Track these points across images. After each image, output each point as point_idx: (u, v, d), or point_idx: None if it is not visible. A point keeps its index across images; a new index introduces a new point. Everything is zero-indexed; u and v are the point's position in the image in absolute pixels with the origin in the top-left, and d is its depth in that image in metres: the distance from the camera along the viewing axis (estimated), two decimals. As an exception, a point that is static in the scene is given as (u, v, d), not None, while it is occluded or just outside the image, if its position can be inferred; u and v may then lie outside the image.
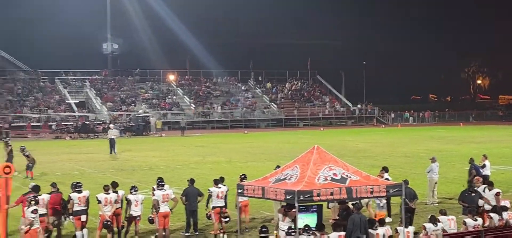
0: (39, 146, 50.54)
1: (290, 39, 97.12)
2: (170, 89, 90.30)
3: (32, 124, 71.16)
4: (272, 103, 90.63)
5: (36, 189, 17.99)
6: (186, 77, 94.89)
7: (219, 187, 19.50)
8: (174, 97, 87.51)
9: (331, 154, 16.37)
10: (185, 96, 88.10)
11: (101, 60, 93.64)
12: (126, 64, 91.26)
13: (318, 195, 14.82)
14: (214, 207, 19.34)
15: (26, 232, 16.66)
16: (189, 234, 19.38)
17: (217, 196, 19.34)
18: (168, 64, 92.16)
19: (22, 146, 34.21)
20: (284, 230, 15.26)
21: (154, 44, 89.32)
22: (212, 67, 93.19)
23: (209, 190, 19.60)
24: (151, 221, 18.63)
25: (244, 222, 19.88)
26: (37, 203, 17.04)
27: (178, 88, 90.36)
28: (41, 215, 17.47)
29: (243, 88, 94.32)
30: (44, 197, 17.82)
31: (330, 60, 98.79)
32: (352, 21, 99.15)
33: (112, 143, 46.41)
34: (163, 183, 18.89)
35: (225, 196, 19.49)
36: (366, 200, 18.43)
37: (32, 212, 16.62)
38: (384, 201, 19.52)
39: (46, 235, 17.82)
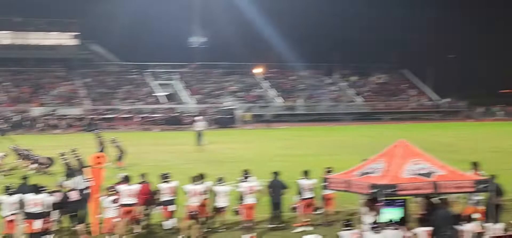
0: (128, 137, 51.82)
1: (376, 32, 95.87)
2: (256, 82, 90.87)
3: (122, 115, 73.06)
4: (357, 97, 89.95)
5: (126, 179, 18.54)
6: (272, 70, 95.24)
7: (307, 180, 19.66)
8: (260, 90, 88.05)
9: (417, 148, 16.22)
10: (271, 89, 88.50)
11: (189, 53, 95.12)
12: (213, 57, 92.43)
13: (403, 189, 14.75)
14: (302, 199, 19.53)
15: (103, 220, 17.23)
16: (273, 226, 19.57)
17: (305, 189, 19.52)
18: (255, 57, 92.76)
19: (112, 137, 35.25)
20: (368, 224, 15.24)
21: (240, 37, 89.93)
22: (297, 60, 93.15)
23: (297, 182, 19.77)
24: (237, 212, 18.92)
25: (329, 215, 19.94)
26: (116, 193, 17.59)
27: (264, 81, 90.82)
28: (130, 205, 18.02)
29: (328, 81, 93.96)
30: (133, 187, 18.34)
31: (417, 53, 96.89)
32: (438, 13, 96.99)
33: (199, 135, 47.16)
34: (248, 175, 19.15)
35: (313, 188, 19.66)
36: (455, 195, 18.14)
37: (113, 201, 17.18)
38: (478, 197, 19.08)
39: (135, 224, 18.38)
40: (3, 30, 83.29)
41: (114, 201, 17.17)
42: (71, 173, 24.21)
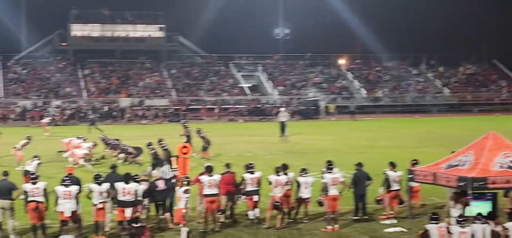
0: (213, 128, 52.43)
1: (464, 22, 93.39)
2: (340, 73, 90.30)
3: (208, 106, 73.97)
4: (445, 88, 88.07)
5: (208, 169, 18.71)
6: (357, 61, 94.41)
7: (394, 172, 19.43)
8: (344, 81, 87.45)
9: (508, 141, 15.76)
10: (355, 80, 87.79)
11: (273, 45, 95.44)
12: (297, 48, 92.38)
13: (493, 182, 14.36)
14: (388, 191, 19.32)
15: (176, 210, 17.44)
16: (358, 217, 19.40)
17: (392, 181, 19.30)
18: (339, 48, 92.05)
19: (198, 128, 35.67)
20: (455, 218, 14.91)
21: (324, 28, 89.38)
22: (382, 51, 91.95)
23: (385, 173, 19.53)
24: (321, 203, 18.83)
25: (414, 208, 19.62)
26: (188, 183, 17.77)
27: (348, 72, 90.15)
28: (214, 195, 18.21)
29: (414, 72, 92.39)
30: (216, 177, 18.50)
31: (508, 43, 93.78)
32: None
33: (282, 126, 47.21)
34: (332, 167, 19.02)
35: (399, 180, 19.41)
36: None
37: (184, 192, 17.36)
38: None
39: (219, 213, 18.55)
40: (93, 23, 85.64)
41: (185, 191, 17.35)
42: (158, 162, 24.73)
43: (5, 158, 33.18)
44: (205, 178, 18.37)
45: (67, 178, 17.48)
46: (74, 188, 17.22)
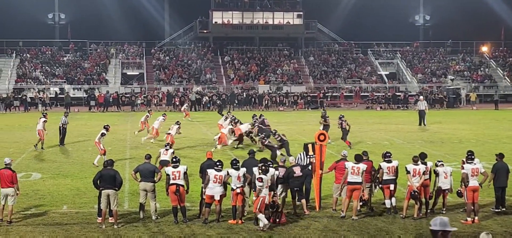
0: (350, 116, 52.13)
1: None
2: (483, 61, 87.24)
3: (345, 94, 73.76)
4: None
5: (358, 158, 18.72)
6: (500, 48, 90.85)
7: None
8: (487, 70, 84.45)
9: None
10: (498, 68, 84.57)
11: (413, 32, 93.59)
12: (437, 35, 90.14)
13: None
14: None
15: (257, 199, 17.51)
16: (498, 210, 18.84)
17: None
18: (481, 35, 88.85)
19: (340, 115, 34.94)
20: None
21: (466, 14, 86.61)
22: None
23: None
24: (460, 194, 18.43)
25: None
26: (267, 171, 17.75)
27: (491, 60, 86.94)
28: (357, 183, 18.18)
29: None
30: (360, 165, 18.45)
31: None
32: None
33: (421, 114, 46.44)
34: (473, 157, 18.55)
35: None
36: None
37: (257, 180, 17.40)
38: None
39: (361, 203, 18.57)
40: (233, 10, 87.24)
41: (258, 180, 17.37)
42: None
43: (157, 141, 34.55)
44: (349, 164, 18.44)
45: (219, 163, 18.10)
46: (224, 173, 17.88)
